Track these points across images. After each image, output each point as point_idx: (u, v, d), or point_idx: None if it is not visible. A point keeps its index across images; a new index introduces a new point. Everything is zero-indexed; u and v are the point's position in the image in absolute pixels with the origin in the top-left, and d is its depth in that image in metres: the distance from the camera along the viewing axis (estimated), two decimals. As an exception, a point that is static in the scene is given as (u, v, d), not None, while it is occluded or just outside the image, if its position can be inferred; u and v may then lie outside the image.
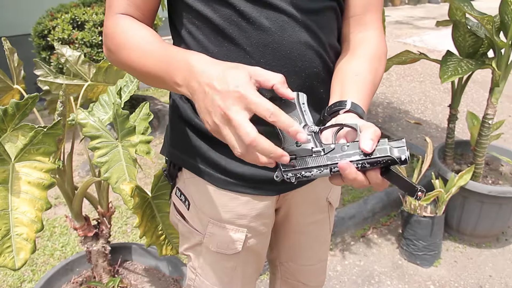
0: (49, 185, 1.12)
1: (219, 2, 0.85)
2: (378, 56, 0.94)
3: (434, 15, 10.95)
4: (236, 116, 0.64)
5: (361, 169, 0.68)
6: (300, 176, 0.71)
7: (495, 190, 2.33)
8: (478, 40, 2.31)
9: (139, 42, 0.83)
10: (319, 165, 0.69)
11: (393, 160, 0.67)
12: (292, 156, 0.70)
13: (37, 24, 3.49)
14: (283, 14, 0.85)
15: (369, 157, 0.67)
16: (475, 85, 5.28)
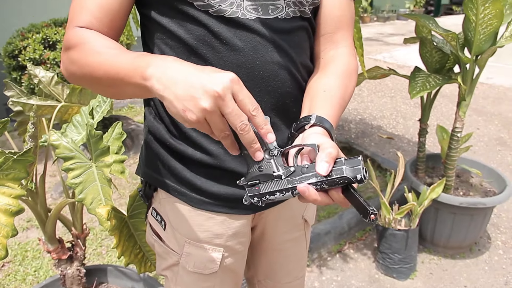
0: (17, 211, 1.10)
1: (192, 23, 0.86)
2: (348, 72, 0.95)
3: (403, 31, 11.25)
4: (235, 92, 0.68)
5: (320, 189, 0.70)
6: (265, 200, 0.74)
7: (466, 201, 2.39)
8: (444, 56, 2.38)
9: (104, 45, 0.80)
10: (281, 189, 0.73)
11: (349, 180, 0.68)
12: (256, 181, 0.74)
13: (7, 44, 3.44)
14: (256, 35, 0.87)
15: (326, 178, 0.69)
16: (444, 99, 5.42)
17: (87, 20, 0.83)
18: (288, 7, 0.90)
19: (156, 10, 0.89)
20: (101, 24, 0.84)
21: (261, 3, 0.87)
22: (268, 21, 0.87)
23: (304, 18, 0.94)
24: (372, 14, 13.78)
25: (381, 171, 3.49)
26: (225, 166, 0.93)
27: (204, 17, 0.85)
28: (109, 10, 0.85)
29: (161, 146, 0.98)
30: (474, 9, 1.98)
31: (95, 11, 0.83)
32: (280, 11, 0.89)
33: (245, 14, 0.86)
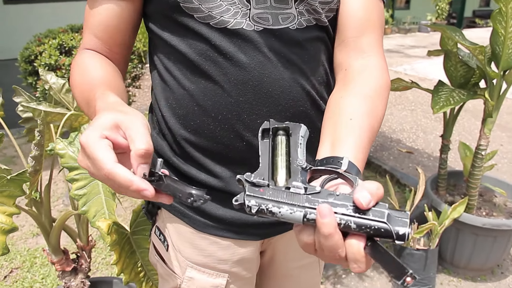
0: (10, 230, 1.06)
1: (193, 36, 0.79)
2: (380, 91, 0.78)
3: (424, 44, 11.12)
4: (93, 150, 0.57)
5: (343, 228, 0.52)
6: (264, 209, 0.55)
7: (489, 222, 2.28)
8: (470, 70, 2.29)
9: (83, 73, 0.81)
10: (293, 204, 0.54)
11: (387, 231, 0.51)
12: (265, 182, 0.57)
13: (24, 49, 3.46)
14: (263, 48, 0.78)
15: (359, 215, 0.52)
16: (466, 114, 5.29)
17: (91, 41, 0.85)
18: (301, 15, 0.80)
19: (158, 24, 0.84)
20: (102, 42, 0.85)
21: (271, 11, 0.78)
22: (277, 33, 0.79)
23: (321, 27, 0.83)
24: (393, 25, 13.65)
25: (400, 186, 3.39)
26: (231, 190, 0.86)
27: (205, 30, 0.78)
28: (107, 26, 0.83)
29: (164, 164, 0.91)
30: (503, 22, 1.89)
31: (95, 30, 0.84)
32: (291, 21, 0.80)
33: (251, 25, 0.78)
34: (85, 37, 0.86)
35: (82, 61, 0.83)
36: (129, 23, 0.85)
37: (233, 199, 0.57)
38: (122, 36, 0.85)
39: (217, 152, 0.84)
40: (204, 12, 0.77)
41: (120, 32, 0.85)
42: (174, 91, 0.84)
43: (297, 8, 0.80)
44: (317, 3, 0.80)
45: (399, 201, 3.09)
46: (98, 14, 0.82)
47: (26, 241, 2.78)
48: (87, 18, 0.85)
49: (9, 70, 3.99)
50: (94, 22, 0.83)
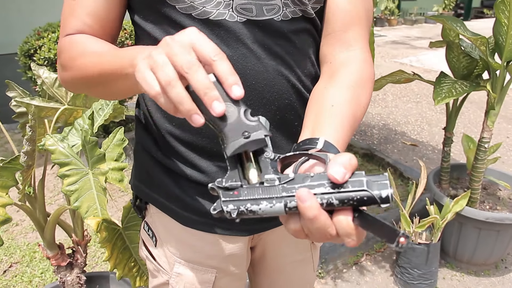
0: (3, 221, 1.04)
1: (175, 27, 0.76)
2: (362, 82, 0.79)
3: (430, 35, 11.00)
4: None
5: (326, 206, 0.51)
6: (244, 211, 0.53)
7: (492, 216, 2.24)
8: (473, 61, 2.24)
9: (93, 46, 0.76)
10: (271, 197, 0.53)
11: (370, 198, 0.50)
12: (237, 183, 0.55)
13: (23, 43, 3.43)
14: (245, 40, 0.76)
15: (339, 190, 0.51)
16: (472, 105, 5.23)
17: (79, 26, 0.80)
18: (286, 7, 0.77)
19: (141, 15, 0.81)
20: (93, 30, 0.81)
21: (255, 2, 0.75)
22: (261, 24, 0.76)
23: (307, 18, 0.81)
24: (399, 16, 13.52)
25: (403, 179, 3.35)
26: None
27: (188, 21, 0.75)
28: (98, 17, 0.80)
29: (149, 158, 0.89)
30: (507, 12, 1.84)
31: (85, 19, 0.80)
32: (276, 12, 0.77)
33: (234, 16, 0.75)
34: (71, 23, 0.81)
35: (81, 39, 0.79)
36: (118, 14, 0.83)
37: (211, 209, 0.55)
38: (111, 26, 0.83)
39: (202, 146, 0.82)
40: (185, 2, 0.74)
41: (109, 22, 0.82)
42: None
43: None
44: None
45: (402, 194, 3.05)
46: (87, 6, 0.79)
47: (26, 236, 2.77)
48: (72, 7, 0.80)
49: (9, 64, 3.98)
50: (83, 11, 0.80)
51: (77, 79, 0.78)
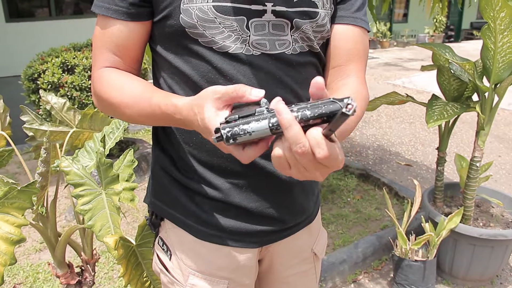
0: (18, 240, 1.10)
1: (197, 59, 0.86)
2: (359, 97, 0.90)
3: (422, 56, 11.21)
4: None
5: (300, 119, 0.57)
6: (237, 130, 0.60)
7: (486, 233, 2.32)
8: (463, 84, 2.35)
9: (129, 100, 0.85)
10: (259, 118, 0.60)
11: (336, 106, 0.56)
12: (235, 116, 0.63)
13: (27, 67, 3.52)
14: (260, 71, 0.86)
15: (308, 104, 0.58)
16: (464, 125, 5.34)
17: (109, 57, 0.90)
18: (295, 42, 0.89)
19: (163, 46, 0.90)
20: (122, 59, 0.91)
21: (268, 38, 0.86)
22: (273, 57, 0.87)
23: (313, 53, 0.92)
24: (391, 39, 13.77)
25: (399, 199, 3.42)
26: (230, 201, 0.93)
27: (208, 53, 0.85)
28: (124, 47, 0.90)
29: (167, 177, 0.97)
30: (492, 37, 1.95)
31: (114, 49, 0.90)
32: (287, 47, 0.88)
33: (250, 50, 0.85)
34: (101, 55, 0.91)
35: (113, 78, 0.88)
36: (142, 42, 0.92)
37: (212, 137, 0.64)
38: (136, 53, 0.92)
39: (218, 165, 0.91)
40: (208, 37, 0.84)
41: (135, 50, 0.91)
42: None
43: (292, 35, 0.88)
44: (310, 32, 0.89)
45: (398, 213, 3.13)
46: (114, 36, 0.88)
47: (28, 257, 2.81)
48: (102, 38, 0.90)
49: (11, 87, 4.06)
50: (111, 42, 0.89)
51: (116, 116, 0.91)
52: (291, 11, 0.86)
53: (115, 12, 0.87)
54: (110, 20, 0.88)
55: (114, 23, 0.88)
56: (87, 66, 3.43)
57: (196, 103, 0.70)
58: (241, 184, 0.92)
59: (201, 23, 0.83)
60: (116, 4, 0.86)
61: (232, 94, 0.65)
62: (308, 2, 0.88)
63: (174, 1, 0.83)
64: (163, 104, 0.79)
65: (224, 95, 0.66)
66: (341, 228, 3.05)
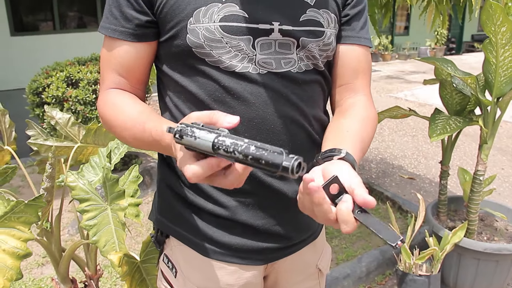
0: (24, 255, 1.11)
1: (204, 78, 0.87)
2: (368, 119, 0.95)
3: (424, 69, 11.24)
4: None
5: (241, 153, 0.57)
6: (187, 130, 0.61)
7: (490, 247, 2.31)
8: (465, 97, 2.36)
9: (126, 123, 0.87)
10: (212, 131, 0.60)
11: (279, 160, 0.55)
12: (200, 123, 0.63)
13: (32, 81, 3.55)
14: (267, 89, 0.87)
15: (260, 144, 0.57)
16: (467, 138, 5.34)
17: (116, 79, 0.92)
18: (300, 61, 0.90)
19: (169, 65, 0.92)
20: (127, 80, 0.93)
21: (274, 56, 0.87)
22: (280, 75, 0.88)
23: (318, 71, 0.94)
24: (393, 52, 13.83)
25: (402, 213, 3.42)
26: (236, 218, 0.93)
27: (215, 72, 0.86)
28: (130, 67, 0.91)
29: (173, 194, 0.98)
30: (494, 52, 1.96)
31: (120, 70, 0.92)
32: (292, 65, 0.89)
33: (257, 69, 0.86)
34: (107, 76, 0.93)
35: (116, 100, 0.91)
36: (148, 62, 0.94)
37: (166, 130, 0.65)
38: (142, 73, 0.94)
39: None
40: (214, 57, 0.85)
41: (140, 70, 0.93)
42: None
43: (298, 54, 0.89)
44: (316, 50, 0.91)
45: (401, 227, 3.12)
46: (120, 57, 0.90)
47: (31, 271, 2.81)
48: (108, 59, 0.92)
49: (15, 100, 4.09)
50: (117, 63, 0.91)
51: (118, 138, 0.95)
52: (298, 30, 0.88)
53: (122, 34, 0.88)
54: (117, 41, 0.90)
55: (121, 44, 0.89)
56: (92, 80, 3.46)
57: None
58: (247, 202, 0.93)
59: (208, 42, 0.84)
60: (123, 26, 0.88)
61: (206, 120, 0.65)
62: (314, 22, 0.89)
63: (181, 22, 0.84)
64: (154, 130, 0.80)
65: (203, 119, 0.66)
66: (345, 243, 3.04)
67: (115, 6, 0.88)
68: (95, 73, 3.50)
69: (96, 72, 3.51)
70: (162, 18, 0.87)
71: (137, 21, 0.87)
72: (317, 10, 0.90)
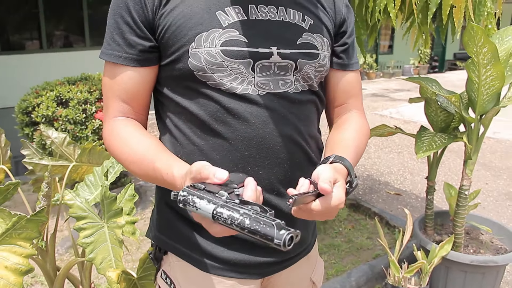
0: (27, 271, 1.12)
1: (205, 99, 0.91)
2: (362, 131, 1.05)
3: (408, 87, 11.43)
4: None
5: (238, 225, 0.63)
6: (189, 199, 0.68)
7: (477, 259, 2.36)
8: (449, 115, 2.43)
9: (133, 158, 0.90)
10: (211, 199, 0.66)
11: (271, 233, 0.60)
12: (202, 186, 0.70)
13: (21, 101, 3.56)
14: (266, 109, 0.91)
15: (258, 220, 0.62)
16: (451, 154, 5.44)
17: (120, 106, 0.94)
18: (297, 82, 0.96)
19: (169, 88, 0.95)
20: (131, 106, 0.95)
21: (272, 78, 0.92)
22: (278, 95, 0.93)
23: (313, 91, 1.00)
24: (377, 70, 14.05)
25: (390, 228, 3.47)
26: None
27: (216, 94, 0.90)
28: (134, 93, 0.94)
29: (173, 213, 1.01)
30: (476, 71, 2.04)
31: (123, 96, 0.94)
32: (289, 86, 0.94)
33: (256, 90, 0.91)
34: (111, 104, 0.94)
35: (122, 132, 0.93)
36: (150, 87, 0.97)
37: (172, 194, 0.71)
38: (146, 99, 0.97)
39: None
40: (216, 80, 0.89)
41: (144, 96, 0.96)
42: (184, 146, 0.94)
43: (295, 75, 0.95)
44: (312, 72, 0.97)
45: (389, 242, 3.16)
46: (124, 83, 0.92)
47: (22, 292, 2.78)
48: (112, 86, 0.94)
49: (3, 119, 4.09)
50: (121, 89, 0.93)
51: (126, 168, 0.96)
52: (295, 53, 0.94)
53: (125, 59, 0.91)
54: (120, 67, 0.92)
55: (124, 70, 0.92)
56: (82, 100, 3.47)
57: (183, 180, 0.78)
58: None
59: (209, 66, 0.88)
60: (126, 52, 0.90)
61: (198, 176, 0.72)
62: (310, 45, 0.96)
63: (183, 46, 0.88)
64: (165, 173, 0.84)
65: (194, 175, 0.73)
66: (334, 258, 3.07)
67: (117, 33, 0.91)
68: (85, 93, 3.52)
69: (86, 92, 3.53)
70: (164, 43, 0.90)
71: (141, 47, 0.90)
72: (311, 34, 0.97)
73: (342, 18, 1.05)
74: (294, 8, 0.97)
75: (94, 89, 3.62)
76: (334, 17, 1.04)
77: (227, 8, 0.91)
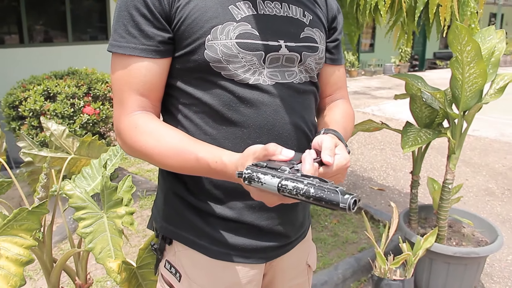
0: (27, 261, 1.14)
1: (219, 89, 0.94)
2: (347, 113, 1.15)
3: (389, 85, 11.60)
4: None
5: (303, 194, 0.67)
6: (253, 175, 0.72)
7: (459, 251, 2.45)
8: (434, 111, 2.51)
9: (169, 151, 0.91)
10: (275, 174, 0.71)
11: (335, 199, 0.65)
12: (264, 163, 0.75)
13: (7, 95, 3.53)
14: (276, 98, 0.97)
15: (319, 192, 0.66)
16: (432, 151, 5.56)
17: (138, 100, 0.94)
18: (300, 73, 1.02)
19: (181, 79, 0.97)
20: (149, 99, 0.95)
21: (280, 69, 0.98)
22: (286, 85, 0.99)
23: (313, 82, 1.07)
24: (359, 68, 14.21)
25: (374, 222, 3.55)
26: (243, 220, 1.01)
27: (230, 84, 0.94)
28: (152, 84, 0.94)
29: (180, 202, 1.04)
30: (460, 69, 2.11)
31: (141, 89, 0.93)
32: (295, 77, 1.01)
33: (266, 80, 0.96)
34: (128, 98, 0.93)
35: (149, 127, 0.92)
36: (165, 78, 0.97)
37: (236, 173, 0.76)
38: (161, 90, 0.98)
39: (233, 187, 0.98)
40: (230, 71, 0.93)
41: (161, 87, 0.97)
42: (196, 136, 0.96)
43: (299, 67, 1.02)
44: (313, 64, 1.04)
45: (375, 235, 3.24)
46: (142, 75, 0.92)
47: (24, 285, 2.77)
48: (127, 80, 0.93)
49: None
50: (138, 82, 0.92)
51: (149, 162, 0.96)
52: (299, 46, 1.00)
53: (143, 51, 0.91)
54: (136, 59, 0.91)
55: (141, 62, 0.91)
56: (70, 94, 3.46)
57: (240, 162, 0.81)
58: (254, 205, 1.00)
59: (225, 58, 0.92)
60: (143, 43, 0.91)
61: (265, 152, 0.77)
62: (310, 39, 1.03)
63: (199, 38, 0.91)
64: (212, 162, 0.86)
65: (260, 153, 0.78)
66: (320, 251, 3.13)
67: (132, 25, 0.91)
68: (73, 87, 3.51)
69: (74, 86, 3.52)
70: (179, 35, 0.93)
71: (160, 38, 0.91)
72: (311, 28, 1.04)
73: (333, 15, 1.14)
74: (295, 4, 1.04)
75: (82, 84, 3.61)
76: (326, 13, 1.12)
77: (238, 3, 0.95)
